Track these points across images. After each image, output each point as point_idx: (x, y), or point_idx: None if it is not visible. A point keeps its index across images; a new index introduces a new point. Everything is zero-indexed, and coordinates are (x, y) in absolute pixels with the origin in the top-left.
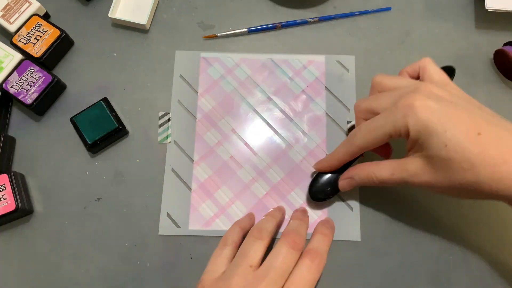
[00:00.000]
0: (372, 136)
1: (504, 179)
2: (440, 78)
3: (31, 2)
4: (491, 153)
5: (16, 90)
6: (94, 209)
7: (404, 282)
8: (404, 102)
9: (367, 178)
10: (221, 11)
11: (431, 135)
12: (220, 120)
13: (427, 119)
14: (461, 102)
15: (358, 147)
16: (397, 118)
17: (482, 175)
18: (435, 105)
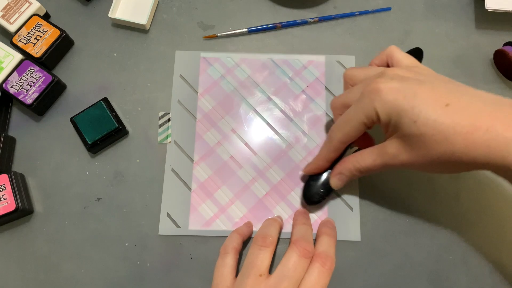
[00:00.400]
0: (348, 128)
1: (478, 146)
2: (408, 61)
3: (31, 2)
4: (462, 122)
5: (16, 90)
6: (94, 209)
7: (404, 282)
8: (369, 88)
9: (354, 169)
10: (221, 11)
11: (400, 114)
12: (220, 120)
13: (393, 100)
14: (427, 78)
15: (338, 142)
16: (365, 105)
17: (456, 145)
18: (399, 84)
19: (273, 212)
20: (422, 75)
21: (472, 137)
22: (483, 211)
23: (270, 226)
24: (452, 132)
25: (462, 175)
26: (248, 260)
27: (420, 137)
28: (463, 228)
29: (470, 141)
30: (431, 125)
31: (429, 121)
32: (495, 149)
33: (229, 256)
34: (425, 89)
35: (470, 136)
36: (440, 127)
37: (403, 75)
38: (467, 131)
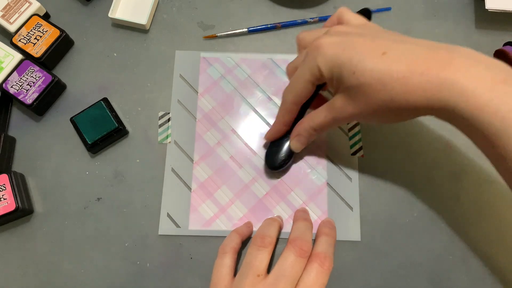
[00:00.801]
0: (297, 88)
1: (415, 90)
2: (357, 21)
3: (31, 2)
4: (398, 68)
5: (16, 90)
6: (94, 209)
7: (404, 282)
8: (312, 46)
9: (310, 128)
10: (221, 11)
11: (340, 67)
12: (220, 120)
13: (333, 54)
14: (369, 31)
15: (291, 103)
16: (309, 63)
17: (394, 91)
18: (339, 39)
19: (273, 212)
20: (364, 29)
21: (409, 81)
22: (483, 211)
23: (269, 226)
24: (388, 79)
25: (462, 175)
26: (246, 260)
27: (360, 87)
28: (463, 228)
29: (407, 86)
30: (368, 75)
31: (366, 71)
32: (431, 91)
33: (228, 256)
34: (364, 41)
35: (407, 80)
36: (377, 75)
37: (345, 31)
38: (403, 75)
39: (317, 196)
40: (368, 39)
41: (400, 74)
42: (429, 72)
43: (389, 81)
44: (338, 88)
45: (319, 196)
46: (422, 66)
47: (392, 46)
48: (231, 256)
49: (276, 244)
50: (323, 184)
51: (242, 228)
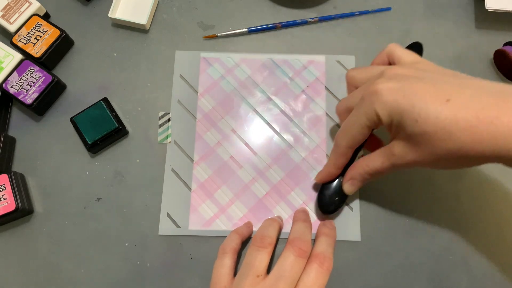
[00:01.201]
0: (352, 132)
1: (484, 139)
2: (409, 58)
3: (31, 2)
4: (464, 116)
5: (16, 90)
6: (94, 209)
7: (404, 282)
8: (369, 91)
9: (364, 173)
10: (221, 11)
11: (401, 114)
12: (220, 120)
13: (393, 100)
14: (427, 74)
15: (345, 147)
16: (366, 108)
17: (461, 140)
18: (398, 84)
19: (273, 212)
20: (422, 71)
21: (477, 130)
22: (483, 211)
23: (269, 227)
24: (455, 127)
25: (462, 175)
26: (246, 261)
27: (424, 136)
28: (463, 228)
29: (476, 135)
30: (432, 123)
31: (431, 119)
32: (502, 141)
33: (228, 256)
34: (424, 86)
35: (475, 129)
36: (442, 124)
37: (403, 73)
38: (471, 125)
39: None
40: (429, 84)
41: (468, 123)
42: (498, 121)
43: (456, 130)
44: (398, 134)
45: None
46: (491, 115)
47: (455, 92)
48: (231, 257)
49: (276, 245)
50: None
51: (242, 229)
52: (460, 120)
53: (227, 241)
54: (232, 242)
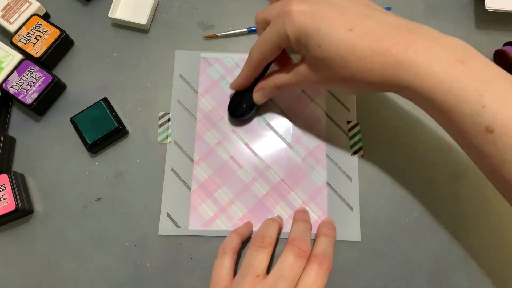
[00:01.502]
0: (265, 47)
1: (376, 69)
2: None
3: (31, 2)
4: (361, 46)
5: (16, 90)
6: (94, 209)
7: (404, 282)
8: (283, 9)
9: (273, 85)
10: (221, 11)
11: (307, 37)
12: (220, 120)
13: (301, 23)
14: (341, 2)
15: (257, 61)
16: (278, 27)
17: (355, 69)
18: (310, 7)
19: (273, 212)
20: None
21: (369, 60)
22: (483, 211)
23: (269, 227)
24: (352, 56)
25: (462, 175)
26: (246, 261)
27: (324, 61)
28: (463, 228)
29: (368, 65)
30: (333, 50)
31: (332, 46)
32: (389, 71)
33: (227, 256)
34: (334, 13)
35: (368, 60)
36: (341, 52)
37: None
38: (366, 55)
39: (317, 196)
40: (338, 11)
41: (363, 53)
42: (388, 53)
43: (352, 59)
44: (305, 56)
45: (319, 196)
46: (383, 46)
47: (359, 22)
48: (231, 256)
49: (276, 245)
50: (323, 184)
51: (242, 228)
52: (357, 49)
53: (227, 240)
54: (232, 242)
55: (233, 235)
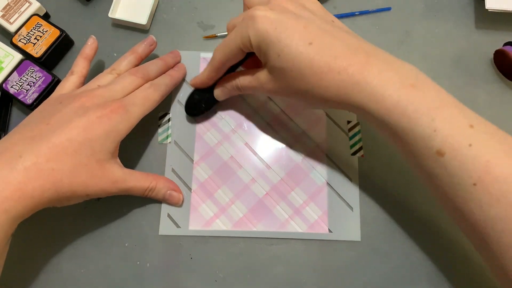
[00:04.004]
0: (227, 50)
1: (331, 86)
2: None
3: (31, 2)
4: (319, 62)
5: (16, 90)
6: (94, 209)
7: (404, 282)
8: (248, 14)
9: (235, 85)
10: (221, 11)
11: (268, 45)
12: (220, 120)
13: (264, 29)
14: (306, 14)
15: (219, 62)
16: (242, 30)
17: (310, 84)
18: (275, 16)
19: (273, 212)
20: (305, 11)
21: (326, 77)
22: None
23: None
24: (308, 71)
25: None
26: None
27: (282, 71)
28: None
29: (324, 81)
30: (291, 61)
31: (290, 57)
32: (344, 90)
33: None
34: (297, 24)
35: (324, 76)
36: (298, 64)
37: (286, 8)
38: (322, 71)
39: (317, 196)
40: (302, 24)
41: (319, 69)
42: (345, 73)
43: (308, 73)
44: (265, 64)
45: (319, 196)
46: (340, 66)
47: (319, 37)
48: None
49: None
50: (323, 184)
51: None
52: (314, 65)
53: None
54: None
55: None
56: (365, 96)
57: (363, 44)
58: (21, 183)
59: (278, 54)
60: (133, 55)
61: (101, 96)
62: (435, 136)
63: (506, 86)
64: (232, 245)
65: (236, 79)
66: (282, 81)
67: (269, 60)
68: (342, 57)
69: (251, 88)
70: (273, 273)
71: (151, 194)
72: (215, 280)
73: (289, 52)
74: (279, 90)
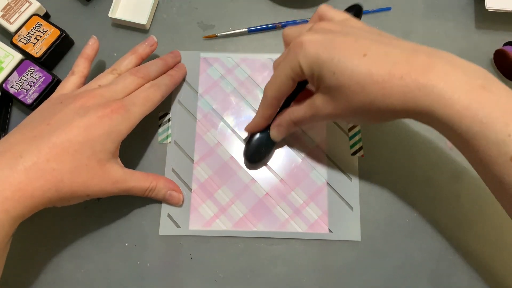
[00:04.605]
0: (278, 83)
1: (394, 93)
2: (340, 17)
3: (31, 2)
4: (378, 71)
5: (16, 90)
6: (94, 209)
7: (404, 282)
8: (294, 42)
9: (290, 120)
10: (221, 11)
11: (321, 66)
12: (220, 120)
13: (314, 52)
14: (353, 31)
15: (272, 98)
16: (291, 59)
17: (373, 94)
18: (322, 37)
19: (273, 212)
20: (348, 27)
21: (388, 85)
22: (483, 211)
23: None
24: (369, 81)
25: (462, 175)
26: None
27: (340, 89)
28: (463, 228)
29: (387, 89)
30: (348, 76)
31: (346, 72)
32: (410, 95)
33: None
34: (346, 40)
35: (387, 84)
36: (357, 77)
37: (329, 28)
38: (383, 79)
39: (317, 196)
40: (350, 39)
41: (380, 77)
42: (408, 77)
43: (369, 84)
44: (319, 87)
45: (319, 196)
46: (402, 70)
47: (373, 47)
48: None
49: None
50: (323, 184)
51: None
52: (373, 74)
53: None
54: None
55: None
56: (432, 100)
57: (420, 47)
58: (21, 183)
59: (333, 72)
60: (133, 55)
61: (101, 96)
62: (509, 142)
63: (506, 86)
64: (232, 245)
65: (290, 114)
66: (341, 100)
67: (324, 81)
68: (402, 62)
69: (307, 119)
70: (273, 273)
71: (151, 194)
72: (215, 280)
73: (344, 67)
74: (338, 111)
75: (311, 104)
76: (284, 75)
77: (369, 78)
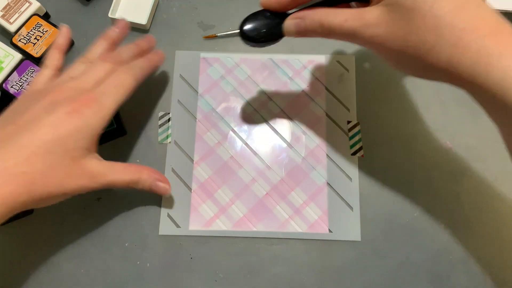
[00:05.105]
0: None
1: (466, 53)
2: None
3: (31, 2)
4: (464, 16)
5: (16, 90)
6: (94, 209)
7: (404, 282)
8: None
9: (318, 21)
10: (221, 11)
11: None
12: (220, 120)
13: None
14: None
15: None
16: None
17: (444, 38)
18: None
19: (273, 212)
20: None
21: (467, 37)
22: (483, 211)
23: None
24: (448, 21)
25: (462, 175)
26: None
27: (412, 13)
28: (463, 228)
29: (463, 41)
30: (429, 5)
31: (436, 2)
32: (484, 60)
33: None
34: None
35: (465, 35)
36: (438, 11)
37: None
38: (464, 28)
39: (317, 196)
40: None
41: (462, 24)
42: (493, 39)
43: (446, 25)
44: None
45: (319, 196)
46: (489, 29)
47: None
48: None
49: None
50: (323, 184)
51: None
52: (457, 18)
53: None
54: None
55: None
56: (504, 82)
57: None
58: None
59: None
60: (105, 40)
61: (71, 89)
62: None
63: None
64: (232, 245)
65: (323, 14)
66: (405, 25)
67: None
68: (492, 22)
69: (344, 30)
70: (273, 273)
71: (136, 187)
72: (215, 280)
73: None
74: (392, 36)
75: (359, 15)
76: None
77: (449, 19)
